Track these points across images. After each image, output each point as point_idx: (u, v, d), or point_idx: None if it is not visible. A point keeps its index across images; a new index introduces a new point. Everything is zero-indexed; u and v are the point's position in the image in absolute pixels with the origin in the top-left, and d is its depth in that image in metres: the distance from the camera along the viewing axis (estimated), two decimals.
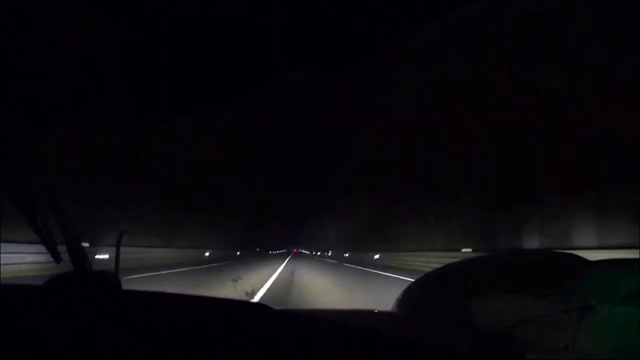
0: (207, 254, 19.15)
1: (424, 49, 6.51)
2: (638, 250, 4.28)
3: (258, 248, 41.44)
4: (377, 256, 16.64)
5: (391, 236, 14.94)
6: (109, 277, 0.99)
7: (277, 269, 12.19)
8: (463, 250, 9.39)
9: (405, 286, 1.10)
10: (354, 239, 25.16)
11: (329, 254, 37.19)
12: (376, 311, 1.18)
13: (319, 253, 44.02)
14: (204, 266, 12.96)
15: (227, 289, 6.71)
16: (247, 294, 5.13)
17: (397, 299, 1.07)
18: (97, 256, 7.70)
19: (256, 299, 4.80)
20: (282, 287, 6.60)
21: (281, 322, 0.61)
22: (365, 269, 12.98)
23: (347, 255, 25.84)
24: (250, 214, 31.27)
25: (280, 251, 57.17)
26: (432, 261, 9.54)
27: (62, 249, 0.99)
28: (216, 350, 0.50)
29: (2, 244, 5.62)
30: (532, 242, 7.68)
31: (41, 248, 0.99)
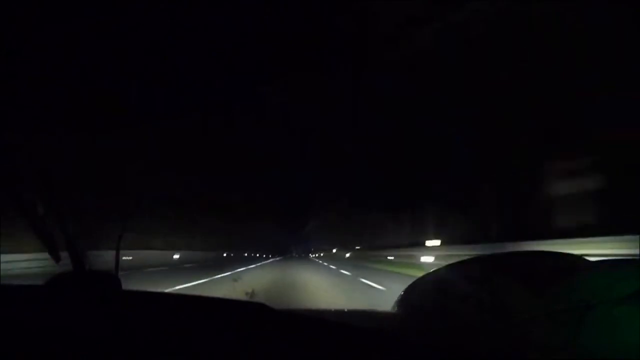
0: (176, 256, 16.74)
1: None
2: (638, 249, 4.29)
3: (256, 251, 39.42)
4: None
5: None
6: (108, 277, 0.99)
7: None
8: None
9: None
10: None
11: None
12: (376, 311, 1.18)
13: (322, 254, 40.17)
14: None
15: (227, 288, 6.71)
16: (247, 293, 5.13)
17: (398, 298, 1.07)
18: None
19: None
20: None
21: (281, 322, 0.61)
22: None
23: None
24: (246, 214, 31.05)
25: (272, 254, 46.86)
26: None
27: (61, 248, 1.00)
28: (216, 350, 0.50)
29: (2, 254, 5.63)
30: None
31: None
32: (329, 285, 7.56)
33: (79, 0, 4.60)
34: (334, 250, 31.48)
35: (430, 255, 11.90)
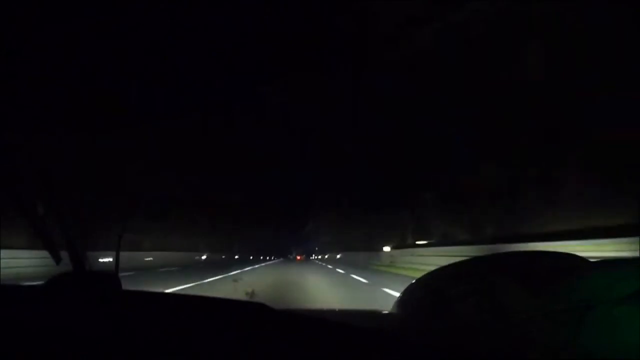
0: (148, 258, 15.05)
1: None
2: (638, 249, 4.29)
3: (257, 253, 38.10)
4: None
5: None
6: (108, 277, 0.99)
7: None
8: None
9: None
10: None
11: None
12: (377, 311, 1.18)
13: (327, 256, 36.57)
14: None
15: (227, 288, 6.72)
16: (247, 293, 5.13)
17: (398, 298, 1.07)
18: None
19: None
20: None
21: (281, 322, 0.61)
22: None
23: None
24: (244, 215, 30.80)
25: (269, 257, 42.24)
26: None
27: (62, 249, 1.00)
28: (216, 350, 0.50)
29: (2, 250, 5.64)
30: None
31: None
32: None
33: (79, 0, 4.61)
34: (386, 249, 17.00)
35: None
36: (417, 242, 14.06)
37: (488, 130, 9.21)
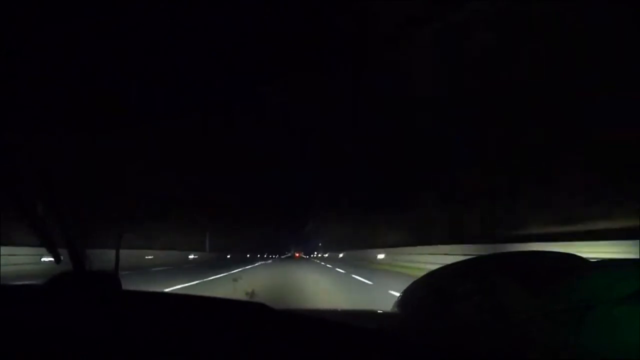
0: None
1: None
2: (638, 250, 4.30)
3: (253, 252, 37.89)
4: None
5: None
6: (108, 277, 0.99)
7: None
8: None
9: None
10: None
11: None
12: (377, 311, 1.18)
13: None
14: None
15: (226, 288, 6.72)
16: (247, 293, 5.13)
17: (398, 299, 1.07)
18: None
19: None
20: None
21: (281, 322, 0.61)
22: None
23: None
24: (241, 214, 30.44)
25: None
26: None
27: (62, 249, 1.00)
28: (216, 350, 0.50)
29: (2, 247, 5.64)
30: None
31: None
32: None
33: (79, 0, 4.60)
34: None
35: None
36: None
37: (488, 130, 9.19)
